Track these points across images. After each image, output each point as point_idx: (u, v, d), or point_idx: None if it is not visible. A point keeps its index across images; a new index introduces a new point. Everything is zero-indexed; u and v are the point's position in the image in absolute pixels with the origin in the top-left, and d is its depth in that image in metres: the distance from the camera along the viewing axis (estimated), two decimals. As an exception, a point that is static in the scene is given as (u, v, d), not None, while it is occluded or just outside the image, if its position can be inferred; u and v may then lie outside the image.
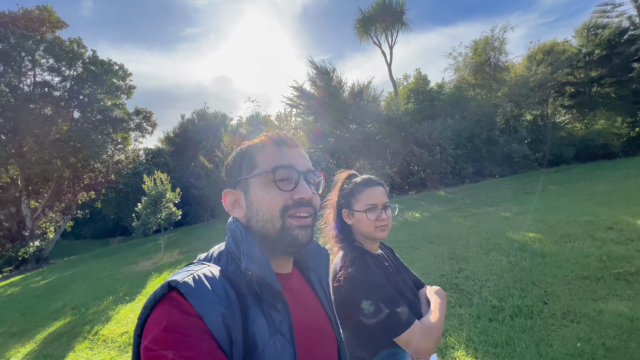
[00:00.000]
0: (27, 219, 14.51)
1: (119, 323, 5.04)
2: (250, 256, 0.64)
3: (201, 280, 0.58)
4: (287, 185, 0.69)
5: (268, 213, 0.68)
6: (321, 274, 0.85)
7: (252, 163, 0.71)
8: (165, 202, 9.15)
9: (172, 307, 0.54)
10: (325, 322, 0.77)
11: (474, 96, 14.82)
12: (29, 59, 13.62)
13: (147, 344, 0.51)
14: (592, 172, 10.65)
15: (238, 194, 0.72)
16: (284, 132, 0.76)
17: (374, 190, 1.19)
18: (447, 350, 2.99)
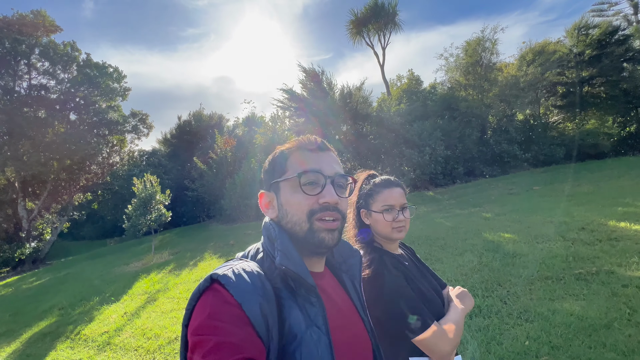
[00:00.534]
0: (24, 220, 14.70)
1: (100, 323, 5.17)
2: (284, 252, 0.67)
3: (240, 273, 0.62)
4: (313, 189, 0.71)
5: (296, 216, 0.71)
6: (354, 275, 0.86)
7: (283, 167, 0.75)
8: (155, 203, 9.28)
9: (214, 297, 0.58)
10: (359, 323, 0.78)
11: (465, 97, 14.90)
12: (25, 62, 13.82)
13: (192, 331, 0.56)
14: (578, 172, 10.73)
15: (271, 196, 0.76)
16: (315, 137, 0.78)
17: (392, 192, 1.19)
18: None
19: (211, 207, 15.46)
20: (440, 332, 1.01)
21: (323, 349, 0.63)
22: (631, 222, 5.22)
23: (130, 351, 4.10)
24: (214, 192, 15.07)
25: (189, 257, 8.73)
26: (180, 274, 7.10)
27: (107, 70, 15.28)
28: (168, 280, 6.83)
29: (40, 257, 15.52)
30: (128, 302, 5.98)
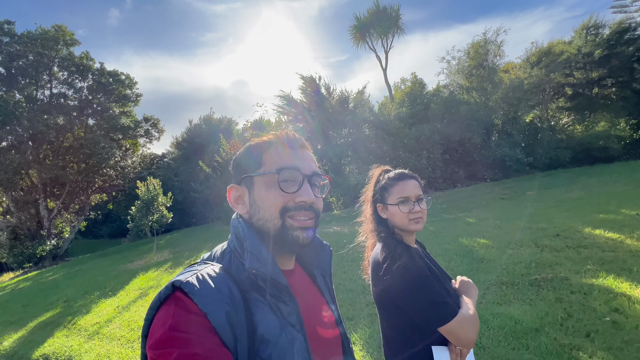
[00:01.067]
0: (45, 219, 15.82)
1: (94, 315, 5.67)
2: (254, 254, 0.64)
3: (205, 279, 0.58)
4: (290, 187, 0.69)
5: (269, 212, 0.68)
6: (324, 269, 0.85)
7: (259, 161, 0.71)
8: (157, 205, 9.85)
9: (177, 307, 0.54)
10: (329, 315, 0.78)
11: (468, 100, 14.78)
12: (47, 73, 14.94)
13: (152, 344, 0.52)
14: (578, 176, 10.48)
15: (242, 190, 0.73)
16: (292, 132, 0.76)
17: (406, 184, 1.21)
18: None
19: (216, 209, 16.06)
20: (465, 320, 1.03)
21: (299, 348, 0.62)
22: (606, 230, 5.20)
23: (114, 340, 4.53)
24: (218, 195, 15.64)
25: (186, 256, 9.22)
26: (174, 272, 7.57)
27: (119, 78, 16.27)
28: (162, 278, 7.31)
29: (60, 254, 16.60)
30: (123, 297, 6.48)
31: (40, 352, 4.59)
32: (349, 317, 3.89)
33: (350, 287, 4.74)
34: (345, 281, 4.96)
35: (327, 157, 12.39)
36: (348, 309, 4.08)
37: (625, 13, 15.51)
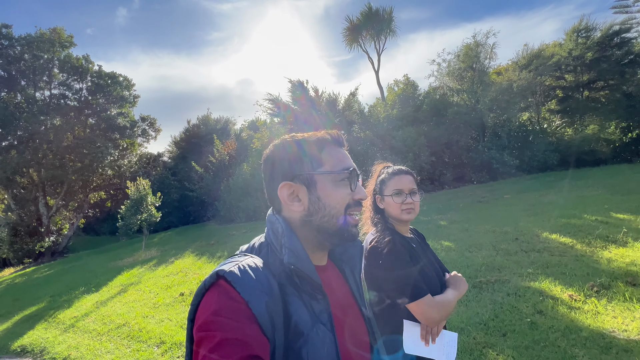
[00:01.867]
0: (44, 216, 16.30)
1: (74, 309, 5.99)
2: (292, 250, 0.66)
3: (246, 270, 0.61)
4: (352, 185, 0.72)
5: (335, 209, 0.70)
6: (354, 265, 0.86)
7: (318, 159, 0.72)
8: (146, 205, 10.18)
9: (220, 294, 0.58)
10: (358, 314, 0.80)
11: (457, 102, 14.88)
12: (47, 74, 15.38)
13: (198, 326, 0.56)
14: (559, 180, 10.57)
15: (297, 188, 0.72)
16: (338, 132, 0.77)
17: (402, 178, 1.35)
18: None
19: (209, 208, 16.40)
20: (431, 302, 1.16)
21: (329, 346, 0.63)
22: (561, 234, 5.36)
23: (86, 333, 4.83)
24: (211, 194, 15.99)
25: (172, 254, 9.53)
26: (156, 270, 7.88)
27: (117, 79, 16.67)
28: (143, 275, 7.62)
29: (59, 250, 17.09)
30: (104, 293, 6.80)
31: (19, 343, 4.91)
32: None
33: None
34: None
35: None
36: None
37: (627, 13, 15.40)
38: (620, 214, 5.90)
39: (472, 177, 13.84)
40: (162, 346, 3.99)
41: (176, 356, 3.72)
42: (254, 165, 14.44)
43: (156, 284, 6.62)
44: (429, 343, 1.19)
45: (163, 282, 6.64)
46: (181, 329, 4.40)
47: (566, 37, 14.89)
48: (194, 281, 6.39)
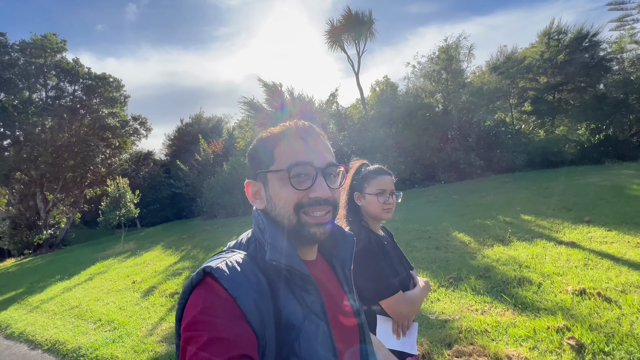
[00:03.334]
0: (41, 210, 17.43)
1: (44, 294, 6.87)
2: (274, 246, 0.65)
3: (234, 266, 0.61)
4: (302, 183, 0.68)
5: (284, 209, 0.68)
6: (344, 260, 0.84)
7: (271, 156, 0.70)
8: (124, 202, 11.04)
9: (207, 292, 0.57)
10: (348, 309, 0.79)
11: (430, 103, 15.35)
12: (42, 78, 16.37)
13: (185, 325, 0.55)
14: (513, 181, 11.05)
15: (258, 186, 0.73)
16: (305, 122, 0.74)
17: (384, 178, 1.36)
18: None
19: (193, 205, 17.29)
20: (402, 298, 1.21)
21: (322, 337, 0.63)
22: (467, 234, 5.97)
23: (45, 313, 5.68)
24: (196, 192, 16.87)
25: (145, 247, 10.39)
26: (124, 261, 8.74)
27: (108, 80, 17.60)
28: (112, 265, 8.48)
29: (56, 242, 18.24)
30: (74, 280, 7.67)
31: (-9, 321, 5.78)
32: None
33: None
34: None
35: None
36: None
37: (622, 10, 15.43)
38: (527, 215, 6.46)
39: (441, 177, 14.37)
40: (97, 323, 4.79)
41: (104, 330, 4.51)
42: (234, 164, 15.21)
43: (118, 274, 7.46)
44: (400, 337, 1.25)
45: (124, 272, 7.48)
46: (119, 309, 5.20)
47: (538, 40, 15.16)
48: (150, 271, 7.20)
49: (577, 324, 2.87)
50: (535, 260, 4.40)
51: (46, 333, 4.71)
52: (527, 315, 3.17)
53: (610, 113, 14.28)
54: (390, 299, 1.21)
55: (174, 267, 7.24)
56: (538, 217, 6.23)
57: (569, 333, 2.78)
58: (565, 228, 5.40)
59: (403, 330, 1.25)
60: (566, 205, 6.52)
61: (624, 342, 2.56)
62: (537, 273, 4.02)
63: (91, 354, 3.85)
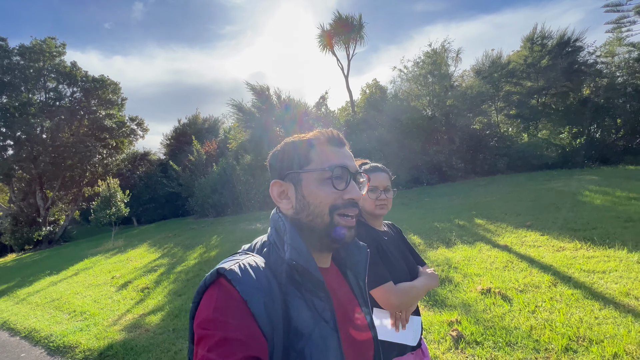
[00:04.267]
0: (41, 208, 18.14)
1: (32, 288, 7.42)
2: (294, 247, 0.66)
3: (246, 269, 0.61)
4: (340, 184, 0.70)
5: (319, 208, 0.69)
6: (358, 271, 0.84)
7: (306, 158, 0.72)
8: (115, 201, 11.59)
9: (220, 292, 0.58)
10: (361, 317, 0.78)
11: (416, 106, 15.68)
12: (42, 80, 17.03)
13: (198, 323, 0.57)
14: (490, 184, 11.38)
15: (287, 186, 0.74)
16: (336, 131, 0.77)
17: (377, 175, 1.39)
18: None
19: (186, 204, 17.86)
20: (391, 289, 1.19)
21: (332, 344, 0.63)
22: (421, 236, 6.37)
23: (29, 304, 6.22)
24: (189, 191, 17.44)
25: (133, 244, 10.94)
26: (110, 258, 9.28)
27: (105, 83, 18.22)
28: (98, 261, 9.03)
29: (55, 239, 18.95)
30: (62, 275, 8.23)
31: (-20, 311, 6.34)
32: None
33: (202, 273, 6.19)
34: (204, 269, 6.41)
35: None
36: (181, 288, 5.54)
37: (619, 12, 15.50)
38: (480, 219, 6.83)
39: (424, 179, 14.73)
40: (72, 314, 5.31)
41: (76, 320, 5.01)
42: (223, 165, 15.71)
43: (101, 269, 8.00)
44: (399, 329, 1.24)
45: (107, 268, 8.01)
46: (93, 302, 5.71)
47: (522, 45, 15.40)
48: (130, 267, 7.72)
49: (468, 318, 3.28)
50: (466, 261, 4.80)
51: (26, 322, 5.23)
52: (434, 311, 3.59)
53: (592, 117, 14.50)
54: (379, 289, 1.21)
55: (153, 264, 7.76)
56: (489, 221, 6.60)
57: (457, 326, 3.19)
58: (507, 232, 5.77)
59: (402, 323, 1.25)
60: (518, 210, 6.88)
61: (496, 333, 2.97)
62: (461, 273, 4.42)
63: (60, 340, 4.35)
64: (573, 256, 4.35)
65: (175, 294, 5.46)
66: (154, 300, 5.33)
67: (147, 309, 5.02)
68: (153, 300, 5.34)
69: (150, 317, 4.69)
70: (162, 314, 4.73)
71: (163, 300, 5.27)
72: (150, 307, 5.06)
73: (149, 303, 5.26)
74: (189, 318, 0.63)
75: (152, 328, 4.32)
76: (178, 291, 5.60)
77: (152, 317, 4.68)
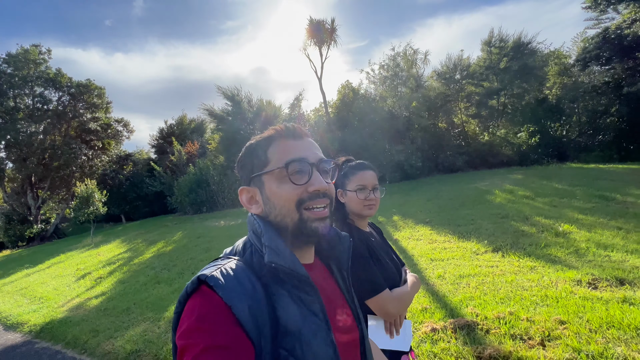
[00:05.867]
0: (32, 207, 19.21)
1: (8, 279, 8.43)
2: (271, 248, 0.65)
3: (228, 274, 0.61)
4: (300, 178, 0.69)
5: (285, 207, 0.69)
6: (341, 262, 0.84)
7: (264, 159, 0.71)
8: (92, 201, 12.55)
9: (202, 300, 0.57)
10: (347, 311, 0.79)
11: (380, 107, 16.48)
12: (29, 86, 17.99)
13: (180, 333, 0.55)
14: (433, 183, 12.24)
15: (253, 191, 0.73)
16: (292, 124, 0.75)
17: (365, 173, 1.33)
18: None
19: (166, 202, 18.86)
20: (389, 297, 1.19)
21: (322, 337, 0.64)
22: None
23: (1, 292, 7.21)
24: (170, 190, 18.43)
25: (108, 241, 11.93)
26: (83, 252, 10.28)
27: (90, 87, 19.18)
28: (72, 256, 10.03)
29: (47, 235, 20.04)
30: (37, 268, 9.23)
31: (-39, 299, 7.34)
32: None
33: (148, 265, 7.14)
34: (152, 261, 7.37)
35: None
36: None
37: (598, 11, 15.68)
38: (397, 216, 7.71)
39: (387, 177, 15.59)
40: (32, 299, 6.29)
41: (34, 304, 5.98)
42: (200, 165, 16.64)
43: (71, 263, 8.99)
44: (394, 335, 1.23)
45: (76, 262, 9.00)
46: (53, 290, 6.68)
47: (481, 48, 16.11)
48: (95, 261, 8.69)
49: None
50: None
51: (-7, 306, 6.22)
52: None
53: (546, 117, 15.26)
54: (377, 298, 1.19)
55: (115, 257, 8.73)
56: (403, 217, 7.48)
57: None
58: (407, 227, 6.66)
59: (396, 329, 1.23)
60: (429, 208, 7.76)
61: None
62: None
63: (15, 319, 5.32)
64: (434, 248, 5.24)
65: (120, 282, 6.41)
66: (102, 288, 6.29)
67: (92, 294, 5.99)
68: (101, 287, 6.30)
69: (92, 300, 5.65)
70: (102, 298, 5.69)
71: (108, 287, 6.23)
72: (95, 293, 6.02)
73: (97, 290, 6.22)
74: (172, 330, 0.62)
75: (89, 309, 5.28)
76: (124, 280, 6.55)
77: (93, 300, 5.64)
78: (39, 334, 4.63)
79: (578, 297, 3.07)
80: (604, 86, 15.24)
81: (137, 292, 5.60)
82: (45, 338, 4.49)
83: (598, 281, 3.32)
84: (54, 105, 18.71)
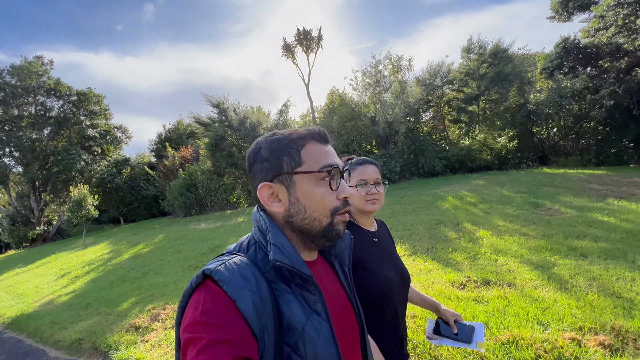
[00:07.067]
0: (35, 209, 20.28)
1: (1, 277, 9.21)
2: (277, 246, 0.65)
3: (233, 268, 0.61)
4: (335, 184, 0.70)
5: (317, 211, 0.68)
6: (343, 259, 0.85)
7: (297, 158, 0.69)
8: (84, 205, 13.37)
9: (207, 294, 0.58)
10: (349, 307, 0.80)
11: (362, 113, 16.97)
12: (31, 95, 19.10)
13: (184, 327, 0.56)
14: (406, 187, 12.66)
15: (277, 188, 0.70)
16: (321, 128, 0.75)
17: (366, 168, 1.30)
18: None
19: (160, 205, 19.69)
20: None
21: (324, 335, 0.64)
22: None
23: (-9, 289, 7.96)
24: (163, 193, 19.25)
25: (98, 242, 12.70)
26: (72, 253, 11.05)
27: (88, 96, 20.26)
28: (61, 256, 10.80)
29: (49, 237, 21.10)
30: (28, 267, 10.01)
31: (-44, 295, 8.12)
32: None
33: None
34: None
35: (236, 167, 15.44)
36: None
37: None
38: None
39: (368, 181, 16.06)
40: (14, 296, 7.00)
41: (13, 299, 6.69)
42: (190, 170, 17.39)
43: (58, 263, 9.74)
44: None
45: (62, 262, 9.75)
46: (34, 287, 7.39)
47: (461, 55, 16.45)
48: (80, 261, 9.42)
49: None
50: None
51: (-20, 301, 6.95)
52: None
53: (524, 122, 15.52)
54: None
55: (98, 258, 9.45)
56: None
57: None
58: (355, 232, 7.15)
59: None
60: (385, 213, 8.23)
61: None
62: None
63: (-6, 312, 6.02)
64: (364, 251, 5.73)
65: (92, 281, 7.08)
66: (75, 285, 6.97)
67: (65, 291, 6.66)
68: (74, 285, 6.98)
69: (62, 297, 6.32)
70: (73, 294, 6.35)
71: (80, 285, 6.90)
72: (67, 290, 6.69)
73: (70, 287, 6.90)
74: (175, 325, 0.62)
75: (58, 304, 5.94)
76: (96, 279, 7.22)
77: (63, 297, 6.31)
78: (9, 325, 5.30)
79: (442, 296, 3.55)
80: (584, 91, 15.45)
81: (102, 290, 6.24)
82: (13, 329, 5.16)
83: (469, 282, 3.79)
84: (55, 113, 19.78)
